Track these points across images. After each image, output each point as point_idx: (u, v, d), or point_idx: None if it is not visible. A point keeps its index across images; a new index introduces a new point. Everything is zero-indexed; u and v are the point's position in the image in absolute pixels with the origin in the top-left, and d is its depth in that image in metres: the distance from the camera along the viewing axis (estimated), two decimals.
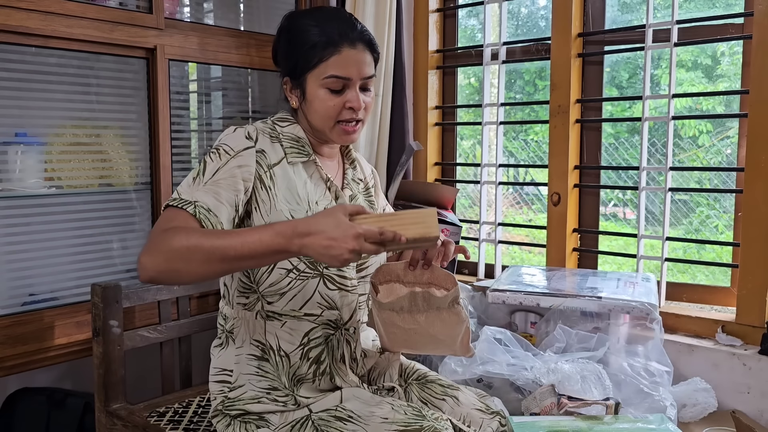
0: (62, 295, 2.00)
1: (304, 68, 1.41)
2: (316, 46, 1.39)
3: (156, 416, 1.77)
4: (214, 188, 1.31)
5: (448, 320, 1.39)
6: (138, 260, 1.22)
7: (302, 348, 1.42)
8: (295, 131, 1.47)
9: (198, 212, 1.27)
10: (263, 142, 1.41)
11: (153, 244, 1.21)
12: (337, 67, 1.39)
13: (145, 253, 1.21)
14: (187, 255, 1.19)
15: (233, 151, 1.36)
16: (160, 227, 1.25)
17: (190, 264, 1.19)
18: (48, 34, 1.87)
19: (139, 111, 2.13)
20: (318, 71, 1.39)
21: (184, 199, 1.29)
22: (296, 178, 1.43)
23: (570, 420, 1.56)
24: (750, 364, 1.87)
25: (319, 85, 1.40)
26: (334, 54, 1.38)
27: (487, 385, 1.80)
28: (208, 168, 1.34)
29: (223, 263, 1.20)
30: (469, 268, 2.63)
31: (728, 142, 2.58)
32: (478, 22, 2.72)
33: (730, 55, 2.49)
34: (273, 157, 1.41)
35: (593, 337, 1.86)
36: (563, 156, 2.29)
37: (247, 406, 1.40)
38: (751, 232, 1.93)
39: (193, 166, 2.28)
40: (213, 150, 1.37)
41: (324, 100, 1.40)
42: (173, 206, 1.28)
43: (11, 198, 1.90)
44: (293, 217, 1.38)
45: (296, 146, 1.45)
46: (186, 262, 1.19)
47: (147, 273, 1.21)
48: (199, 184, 1.32)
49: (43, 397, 2.10)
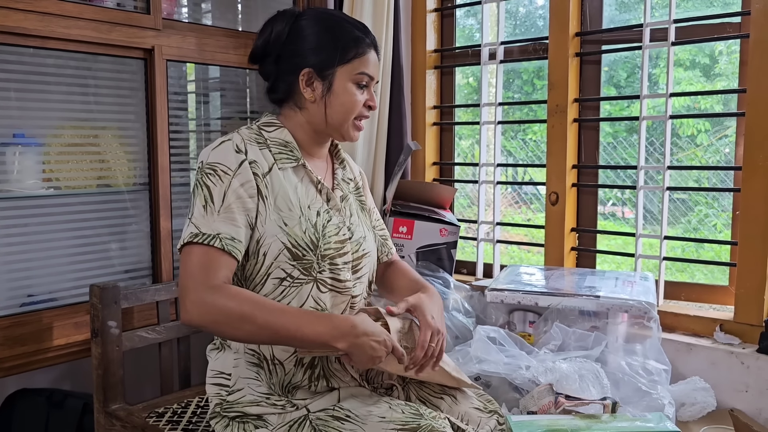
0: (61, 296, 2.00)
1: (340, 60, 1.43)
2: (355, 41, 1.44)
3: (155, 417, 1.78)
4: (229, 215, 1.34)
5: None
6: (182, 303, 1.29)
7: (296, 355, 1.41)
8: (282, 136, 1.47)
9: (225, 245, 1.31)
10: (252, 152, 1.41)
11: (202, 298, 1.27)
12: (367, 66, 1.45)
13: (193, 304, 1.27)
14: (237, 323, 1.27)
15: (231, 171, 1.37)
16: (207, 277, 1.29)
17: (238, 331, 1.29)
18: (46, 35, 1.87)
19: (137, 112, 2.13)
20: (352, 66, 1.43)
21: (206, 234, 1.32)
22: (287, 183, 1.42)
23: (568, 419, 1.56)
24: (748, 363, 1.87)
25: (350, 80, 1.43)
26: (366, 53, 1.45)
27: (484, 383, 1.81)
28: (214, 194, 1.35)
29: (272, 338, 1.31)
30: (467, 267, 2.64)
31: (726, 141, 2.58)
32: (476, 22, 2.72)
33: (728, 53, 2.48)
34: (264, 165, 1.41)
35: (591, 335, 1.86)
36: (561, 155, 2.29)
37: (246, 408, 1.40)
38: (748, 230, 1.93)
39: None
40: (209, 170, 1.36)
41: (353, 93, 1.44)
42: (199, 243, 1.31)
43: (9, 199, 1.90)
44: (286, 225, 1.38)
45: (285, 151, 1.45)
46: (234, 328, 1.28)
47: (192, 323, 1.29)
48: (213, 214, 1.34)
49: (42, 397, 2.10)
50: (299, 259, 1.38)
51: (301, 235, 1.39)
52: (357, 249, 1.48)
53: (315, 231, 1.40)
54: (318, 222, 1.42)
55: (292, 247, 1.38)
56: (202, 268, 1.30)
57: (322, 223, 1.42)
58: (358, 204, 1.59)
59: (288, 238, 1.38)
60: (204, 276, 1.29)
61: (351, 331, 1.28)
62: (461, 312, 2.13)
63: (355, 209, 1.55)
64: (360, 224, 1.53)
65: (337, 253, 1.43)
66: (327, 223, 1.43)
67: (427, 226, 2.32)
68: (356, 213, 1.55)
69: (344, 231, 1.46)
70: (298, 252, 1.38)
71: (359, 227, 1.52)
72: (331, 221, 1.45)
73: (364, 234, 1.52)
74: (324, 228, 1.42)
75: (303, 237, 1.39)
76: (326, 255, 1.41)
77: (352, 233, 1.48)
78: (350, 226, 1.49)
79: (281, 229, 1.38)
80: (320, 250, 1.40)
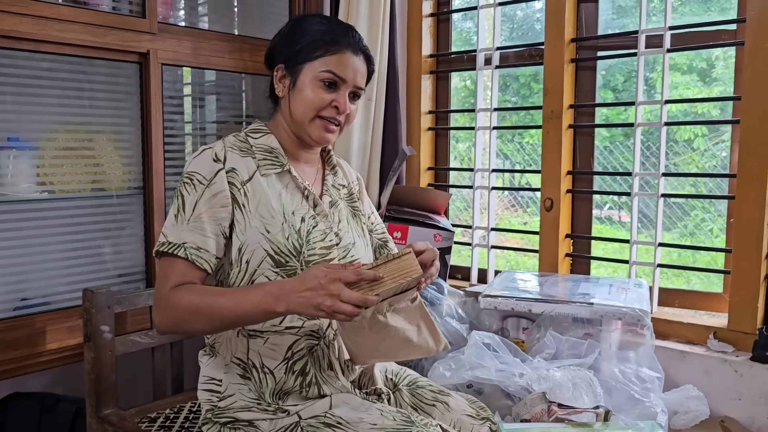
0: (54, 300, 1.99)
1: (304, 58, 1.43)
2: (322, 41, 1.43)
3: (147, 422, 1.77)
4: (198, 224, 1.36)
5: (408, 312, 1.38)
6: (152, 317, 1.39)
7: (286, 362, 1.41)
8: (268, 142, 1.48)
9: (189, 254, 1.34)
10: (232, 160, 1.42)
11: (162, 304, 1.34)
12: (337, 66, 1.43)
13: (156, 311, 1.35)
14: (191, 318, 1.31)
15: (206, 180, 1.38)
16: (164, 285, 1.34)
17: (195, 324, 1.32)
18: (40, 39, 1.87)
19: (132, 116, 2.13)
20: (317, 64, 1.42)
21: (173, 243, 1.35)
22: (270, 190, 1.43)
23: (561, 427, 1.56)
24: (741, 371, 1.87)
25: (314, 77, 1.42)
26: (336, 53, 1.43)
27: (477, 390, 1.80)
28: (186, 203, 1.37)
29: (222, 322, 1.32)
30: (461, 273, 2.64)
31: (723, 146, 2.58)
32: (473, 25, 2.72)
33: (725, 59, 2.48)
34: (244, 174, 1.42)
35: (584, 343, 1.86)
36: (556, 161, 2.29)
37: (237, 414, 1.40)
38: (742, 238, 1.93)
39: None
40: (186, 179, 1.39)
41: (313, 90, 1.43)
42: (164, 252, 1.35)
43: (3, 203, 1.89)
44: (269, 232, 1.39)
45: (269, 157, 1.46)
46: (191, 323, 1.32)
47: (160, 329, 1.37)
48: (183, 223, 1.37)
49: (34, 402, 2.09)
50: (282, 266, 1.38)
51: (283, 242, 1.39)
52: (345, 255, 1.47)
53: (299, 237, 1.40)
54: (302, 228, 1.42)
55: (274, 254, 1.38)
56: (165, 277, 1.35)
57: (306, 229, 1.42)
58: (349, 210, 1.58)
59: (270, 245, 1.38)
60: (165, 284, 1.34)
61: (281, 290, 1.25)
62: (455, 318, 2.13)
63: (345, 215, 1.54)
64: (350, 230, 1.52)
65: (323, 258, 1.42)
66: (312, 229, 1.43)
67: (422, 231, 2.32)
68: (346, 219, 1.54)
69: (331, 237, 1.46)
70: (281, 259, 1.38)
71: (348, 233, 1.51)
72: (317, 227, 1.44)
73: (354, 240, 1.51)
74: (308, 234, 1.42)
75: (285, 243, 1.39)
76: (310, 261, 1.40)
77: (340, 239, 1.48)
78: (338, 232, 1.48)
79: (263, 236, 1.38)
80: (304, 257, 1.40)
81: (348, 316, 1.22)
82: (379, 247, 1.64)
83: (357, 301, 1.22)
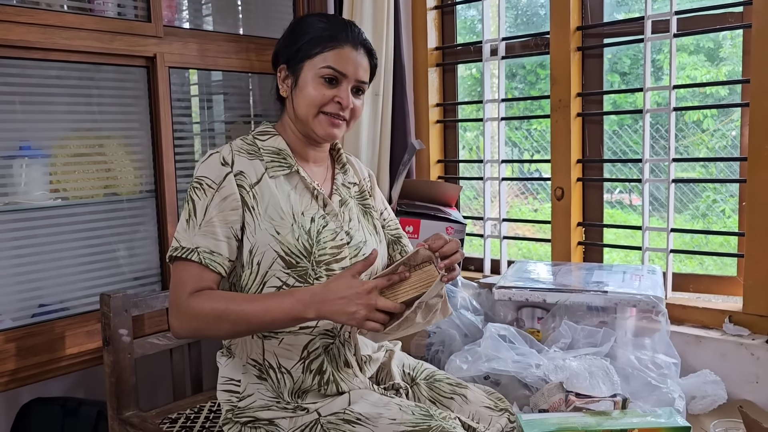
0: (72, 305, 2.01)
1: (303, 56, 1.43)
2: (320, 38, 1.43)
3: (168, 423, 1.79)
4: (209, 228, 1.37)
5: (431, 305, 1.39)
6: (169, 322, 1.38)
7: (303, 362, 1.43)
8: (275, 143, 1.48)
9: (203, 258, 1.36)
10: (240, 163, 1.42)
11: (181, 310, 1.34)
12: (336, 61, 1.43)
13: (174, 317, 1.36)
14: (216, 324, 1.32)
15: (215, 184, 1.39)
16: (182, 291, 1.35)
17: (220, 331, 1.34)
18: (48, 47, 1.88)
19: (141, 119, 2.14)
20: (316, 61, 1.43)
21: (186, 247, 1.37)
22: (279, 192, 1.43)
23: (579, 416, 1.56)
24: (758, 354, 1.87)
25: (315, 74, 1.43)
26: (335, 48, 1.43)
27: (494, 382, 1.81)
28: (197, 207, 1.39)
29: (249, 328, 1.35)
30: (474, 264, 2.64)
31: (733, 126, 2.56)
32: (478, 13, 2.71)
33: (732, 38, 2.47)
34: (253, 176, 1.42)
35: (599, 332, 1.86)
36: (565, 150, 2.28)
37: (257, 413, 1.41)
38: (755, 221, 1.93)
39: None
40: (196, 183, 1.40)
41: (315, 87, 1.43)
42: (178, 257, 1.36)
43: (18, 211, 1.91)
44: (279, 234, 1.39)
45: (277, 159, 1.46)
46: (216, 329, 1.34)
47: (179, 335, 1.38)
48: (195, 228, 1.38)
49: (56, 406, 2.12)
50: (293, 266, 1.39)
51: (293, 243, 1.39)
52: (356, 254, 1.47)
53: (309, 238, 1.41)
54: (312, 228, 1.42)
55: (285, 255, 1.39)
56: (181, 282, 1.36)
57: (316, 229, 1.43)
58: (360, 208, 1.58)
59: (281, 246, 1.39)
60: (182, 289, 1.35)
61: (312, 299, 1.29)
62: (469, 310, 2.13)
63: (356, 214, 1.54)
64: (361, 229, 1.52)
65: (334, 258, 1.43)
66: (322, 229, 1.43)
67: (434, 224, 2.32)
68: (357, 218, 1.54)
69: (341, 236, 1.46)
70: (292, 260, 1.39)
71: (359, 232, 1.51)
72: (327, 227, 1.44)
73: (365, 239, 1.51)
74: (318, 234, 1.42)
75: (296, 244, 1.39)
76: (321, 261, 1.41)
77: (351, 238, 1.48)
78: (349, 231, 1.48)
79: (273, 237, 1.39)
80: (314, 257, 1.40)
81: (381, 324, 1.28)
82: (393, 242, 1.64)
83: (391, 309, 1.27)
